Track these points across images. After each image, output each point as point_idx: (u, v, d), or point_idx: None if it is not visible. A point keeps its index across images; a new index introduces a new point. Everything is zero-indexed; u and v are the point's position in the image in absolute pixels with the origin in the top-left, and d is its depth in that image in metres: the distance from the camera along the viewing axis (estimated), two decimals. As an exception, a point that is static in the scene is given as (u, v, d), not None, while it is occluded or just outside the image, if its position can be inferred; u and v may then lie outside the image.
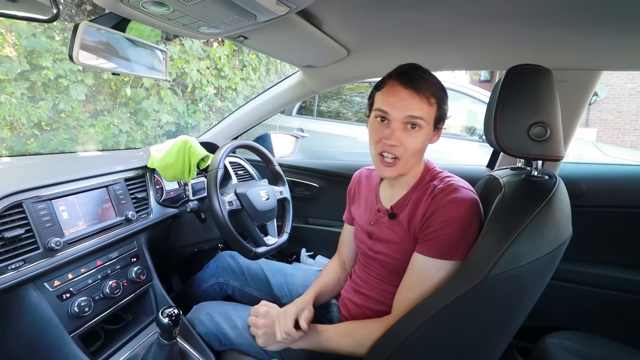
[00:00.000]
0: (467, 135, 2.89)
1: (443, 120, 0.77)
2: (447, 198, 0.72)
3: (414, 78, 0.72)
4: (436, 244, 0.71)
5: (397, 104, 0.72)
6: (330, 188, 1.62)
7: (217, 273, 1.15)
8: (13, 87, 2.42)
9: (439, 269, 0.70)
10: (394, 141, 0.73)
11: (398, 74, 0.74)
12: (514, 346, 1.23)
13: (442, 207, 0.71)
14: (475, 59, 1.11)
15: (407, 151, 0.74)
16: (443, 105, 0.75)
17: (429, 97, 0.72)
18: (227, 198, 1.07)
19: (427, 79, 0.73)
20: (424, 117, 0.72)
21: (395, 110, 0.72)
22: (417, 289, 0.72)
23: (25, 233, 0.77)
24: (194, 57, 3.50)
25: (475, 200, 0.72)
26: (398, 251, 0.79)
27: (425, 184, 0.79)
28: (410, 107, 0.71)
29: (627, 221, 1.17)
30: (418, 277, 0.73)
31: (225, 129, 1.61)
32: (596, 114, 6.83)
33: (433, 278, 0.71)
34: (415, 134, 0.73)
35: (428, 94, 0.72)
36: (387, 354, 0.67)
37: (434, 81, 0.74)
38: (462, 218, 0.69)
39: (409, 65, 0.75)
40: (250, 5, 0.66)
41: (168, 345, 0.77)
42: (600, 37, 0.85)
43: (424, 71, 0.74)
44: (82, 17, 2.81)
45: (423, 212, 0.75)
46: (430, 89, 0.72)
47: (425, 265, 0.72)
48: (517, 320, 0.68)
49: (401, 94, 0.72)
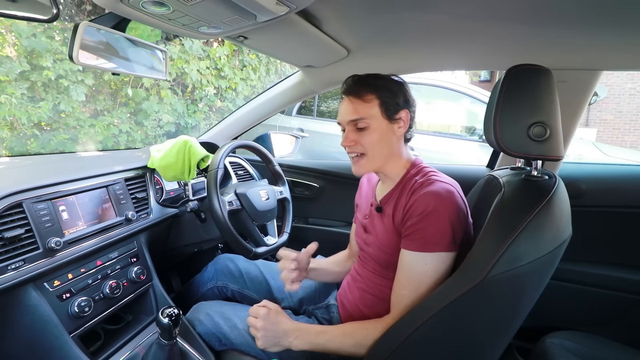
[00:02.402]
0: (467, 135, 2.89)
1: (396, 111, 0.82)
2: (423, 192, 0.74)
3: (349, 87, 0.83)
4: (416, 237, 0.73)
5: (341, 112, 0.84)
6: (330, 188, 1.62)
7: (215, 276, 1.15)
8: (13, 88, 2.42)
9: (426, 262, 0.72)
10: (347, 142, 0.83)
11: (343, 89, 0.85)
12: (514, 346, 1.23)
13: (417, 200, 0.74)
14: (475, 59, 1.11)
15: (366, 147, 0.82)
16: (386, 98, 0.81)
17: (363, 97, 0.81)
18: (227, 198, 1.07)
19: (362, 82, 0.82)
20: (364, 115, 0.81)
21: (342, 117, 0.84)
22: (410, 285, 0.73)
23: (25, 233, 0.77)
24: (194, 57, 3.49)
25: (450, 192, 0.74)
26: (386, 244, 0.82)
27: (409, 179, 0.82)
28: (347, 112, 0.82)
29: (627, 221, 1.17)
30: (408, 273, 0.74)
31: (225, 129, 1.61)
32: (596, 114, 6.83)
33: (423, 272, 0.72)
34: (365, 132, 0.82)
35: (362, 94, 0.81)
36: (387, 354, 0.67)
37: (372, 82, 0.82)
38: (437, 210, 0.71)
39: (349, 77, 0.85)
40: (250, 5, 0.66)
41: (168, 345, 0.77)
42: (600, 37, 0.85)
43: (360, 78, 0.84)
44: (82, 17, 2.81)
45: (403, 205, 0.78)
46: (364, 89, 0.81)
47: (411, 261, 0.74)
48: (517, 320, 0.68)
49: (343, 102, 0.84)
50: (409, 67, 1.23)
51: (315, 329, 0.81)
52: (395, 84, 0.83)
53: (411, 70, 1.25)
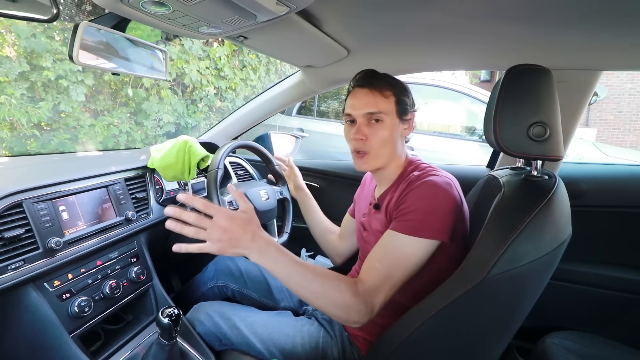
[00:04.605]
0: (467, 135, 2.89)
1: (407, 112, 0.84)
2: (419, 182, 0.76)
3: (367, 79, 0.82)
4: (405, 220, 0.73)
5: (357, 104, 0.82)
6: (330, 188, 1.62)
7: (216, 276, 1.15)
8: (13, 88, 2.42)
9: (406, 243, 0.72)
10: (360, 134, 0.81)
11: (355, 80, 0.84)
12: (514, 346, 1.23)
13: (413, 189, 0.75)
14: (476, 59, 1.11)
15: (374, 144, 0.82)
16: (402, 97, 0.83)
17: (383, 91, 0.81)
18: (227, 198, 1.07)
19: (380, 77, 0.83)
20: (383, 110, 0.80)
21: (356, 109, 0.82)
22: (384, 260, 0.73)
23: (25, 233, 0.77)
24: (194, 57, 3.50)
25: (448, 184, 0.75)
26: None
27: (407, 175, 0.83)
28: (367, 103, 0.81)
29: (626, 221, 1.17)
30: (385, 249, 0.74)
31: (225, 129, 1.61)
32: (596, 114, 6.83)
33: (401, 252, 0.72)
34: (378, 126, 0.81)
35: (382, 88, 0.81)
36: (387, 354, 0.67)
37: (389, 79, 0.83)
38: (430, 196, 0.72)
39: (364, 70, 0.85)
40: (250, 5, 0.66)
41: (168, 345, 0.77)
42: (600, 37, 0.85)
43: (377, 73, 0.84)
44: (82, 17, 2.81)
45: (398, 195, 0.79)
46: (384, 84, 0.81)
47: (393, 240, 0.74)
48: (517, 320, 0.68)
49: (359, 94, 0.82)
50: (409, 67, 1.23)
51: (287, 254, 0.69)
52: (405, 85, 0.85)
53: (411, 70, 1.25)
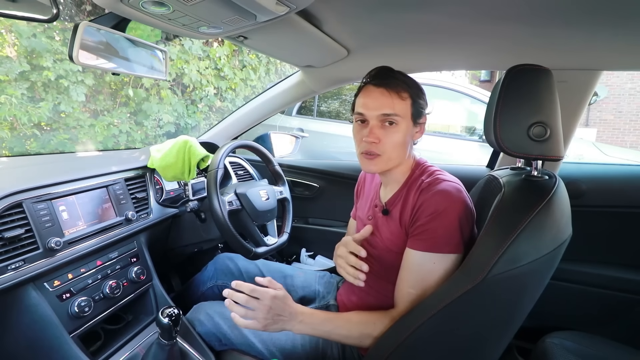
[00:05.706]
0: (467, 135, 2.89)
1: (421, 115, 0.80)
2: (432, 191, 0.73)
3: (383, 78, 0.77)
4: (426, 238, 0.72)
5: (371, 104, 0.76)
6: (330, 188, 1.62)
7: (215, 276, 1.15)
8: (13, 88, 2.42)
9: (434, 261, 0.71)
10: (373, 137, 0.76)
11: (370, 78, 0.79)
12: (514, 346, 1.23)
13: (427, 200, 0.73)
14: (475, 59, 1.11)
15: (386, 147, 0.77)
16: (418, 99, 0.78)
17: (400, 92, 0.75)
18: (227, 198, 1.07)
19: (397, 77, 0.77)
20: (399, 112, 0.75)
21: (370, 110, 0.76)
22: (418, 284, 0.72)
23: (25, 233, 0.77)
24: (194, 57, 3.50)
25: (460, 192, 0.73)
26: (392, 246, 0.81)
27: (415, 179, 0.80)
28: (383, 105, 0.75)
29: (626, 221, 1.17)
30: (417, 273, 0.73)
31: (225, 129, 1.61)
32: (596, 114, 6.83)
33: (431, 272, 0.71)
34: (392, 129, 0.76)
35: (399, 89, 0.75)
36: (388, 354, 0.67)
37: (405, 79, 0.78)
38: (448, 211, 0.70)
39: (380, 67, 0.79)
40: (250, 5, 0.66)
41: (168, 345, 0.77)
42: (600, 37, 0.84)
43: (393, 71, 0.78)
44: (82, 17, 2.81)
45: (412, 206, 0.76)
46: (401, 85, 0.76)
47: (420, 260, 0.73)
48: (517, 320, 0.68)
49: (373, 94, 0.76)
50: (409, 67, 1.22)
51: (321, 315, 0.78)
52: (420, 86, 0.80)
53: (411, 70, 1.25)
